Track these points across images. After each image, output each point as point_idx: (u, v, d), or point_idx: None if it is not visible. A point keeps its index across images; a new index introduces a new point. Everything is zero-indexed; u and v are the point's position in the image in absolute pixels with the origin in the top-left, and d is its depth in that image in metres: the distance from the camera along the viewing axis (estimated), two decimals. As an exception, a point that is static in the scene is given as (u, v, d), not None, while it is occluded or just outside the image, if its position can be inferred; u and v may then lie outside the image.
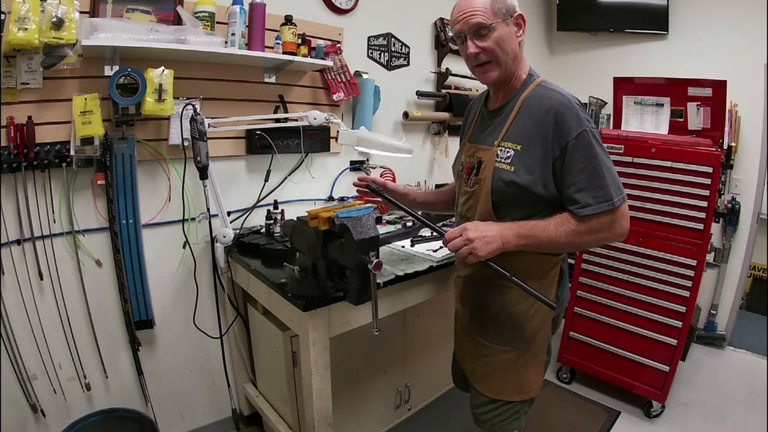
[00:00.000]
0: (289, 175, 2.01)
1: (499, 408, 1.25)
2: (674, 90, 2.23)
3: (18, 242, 1.40)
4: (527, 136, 1.08)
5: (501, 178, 1.10)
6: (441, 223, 1.82)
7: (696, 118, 2.22)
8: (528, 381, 1.22)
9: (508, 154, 1.10)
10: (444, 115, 2.56)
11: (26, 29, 1.20)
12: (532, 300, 1.14)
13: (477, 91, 2.72)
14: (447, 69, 2.55)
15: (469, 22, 1.08)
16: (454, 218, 1.36)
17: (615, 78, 2.41)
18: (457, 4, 1.12)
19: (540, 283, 1.16)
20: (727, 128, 2.47)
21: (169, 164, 1.67)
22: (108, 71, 1.45)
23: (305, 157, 2.03)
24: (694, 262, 1.98)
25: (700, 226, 1.96)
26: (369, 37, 2.25)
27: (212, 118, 1.57)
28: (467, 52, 1.12)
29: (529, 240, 1.06)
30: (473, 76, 1.19)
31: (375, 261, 1.09)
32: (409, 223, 2.01)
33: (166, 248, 1.70)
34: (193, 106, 1.52)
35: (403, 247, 1.76)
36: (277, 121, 1.85)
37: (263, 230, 1.81)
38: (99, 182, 1.48)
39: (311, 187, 2.11)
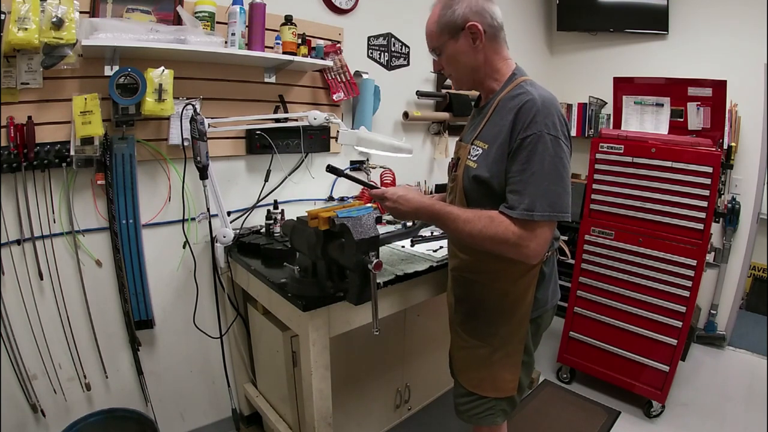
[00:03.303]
0: (289, 175, 2.01)
1: (475, 401, 1.28)
2: (674, 90, 2.23)
3: (18, 242, 1.40)
4: (494, 136, 1.08)
5: (468, 174, 1.14)
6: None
7: (696, 118, 2.22)
8: (502, 379, 1.23)
9: (477, 153, 1.12)
10: (444, 115, 2.56)
11: (26, 29, 1.20)
12: (510, 300, 1.18)
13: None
14: (447, 69, 2.55)
15: (428, 45, 1.19)
16: None
17: (615, 78, 2.41)
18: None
19: (515, 285, 1.17)
20: (727, 128, 2.47)
21: (169, 164, 1.67)
22: (108, 71, 1.45)
23: (305, 157, 2.03)
24: (694, 262, 1.97)
25: (700, 226, 1.96)
26: (369, 37, 2.25)
27: (212, 118, 1.57)
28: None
29: (438, 223, 1.16)
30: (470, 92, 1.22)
31: (375, 261, 1.09)
32: (409, 223, 2.00)
33: (166, 248, 1.70)
34: (193, 106, 1.52)
35: (403, 247, 1.76)
36: (277, 121, 1.85)
37: (263, 230, 1.81)
38: (99, 182, 1.48)
39: (311, 187, 2.11)
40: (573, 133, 3.27)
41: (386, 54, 2.34)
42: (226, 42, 1.62)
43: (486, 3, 1.10)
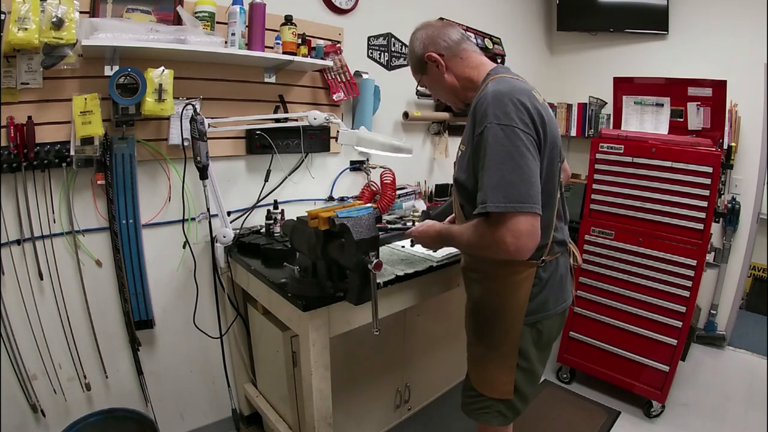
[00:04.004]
0: (289, 175, 2.01)
1: (475, 397, 1.30)
2: (674, 90, 2.23)
3: (18, 242, 1.40)
4: (467, 139, 1.12)
5: (454, 179, 1.19)
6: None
7: (696, 118, 2.22)
8: (498, 381, 1.23)
9: (459, 155, 1.17)
10: (444, 115, 2.56)
11: (26, 29, 1.20)
12: (501, 300, 1.19)
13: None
14: (447, 69, 2.55)
15: None
16: None
17: (615, 78, 2.41)
18: None
19: (508, 286, 1.17)
20: (727, 128, 2.46)
21: (169, 164, 1.67)
22: (108, 71, 1.45)
23: (305, 157, 2.03)
24: (694, 262, 1.97)
25: (700, 226, 1.96)
26: (369, 37, 2.25)
27: (212, 118, 1.57)
28: None
29: (449, 244, 1.24)
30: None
31: (375, 261, 1.09)
32: (409, 224, 2.01)
33: (166, 248, 1.70)
34: (193, 106, 1.52)
35: (403, 247, 1.76)
36: (277, 121, 1.85)
37: (263, 230, 1.81)
38: (99, 182, 1.48)
39: (311, 187, 2.11)
40: (573, 133, 3.27)
41: (386, 54, 2.34)
42: (226, 42, 1.62)
43: (437, 31, 1.22)
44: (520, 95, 1.01)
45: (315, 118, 1.57)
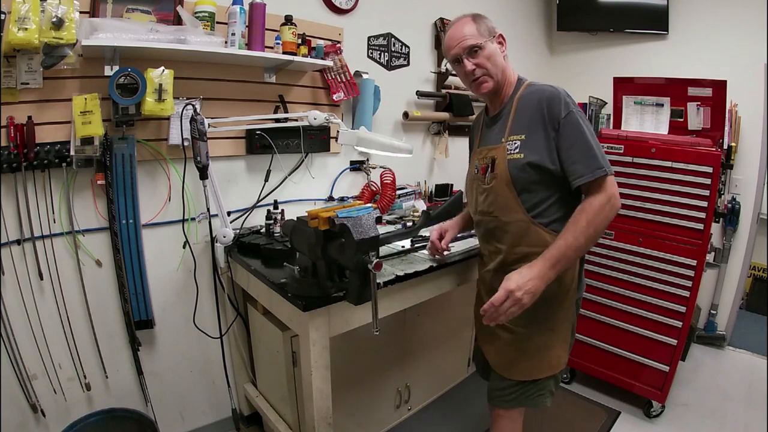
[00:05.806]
0: (289, 175, 2.01)
1: (523, 388, 1.35)
2: (674, 90, 2.23)
3: (18, 242, 1.40)
4: (527, 126, 1.23)
5: (515, 166, 1.23)
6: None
7: (696, 118, 2.22)
8: (556, 357, 1.33)
9: (516, 145, 1.24)
10: (444, 115, 2.56)
11: (26, 29, 1.20)
12: (560, 284, 1.25)
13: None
14: (447, 69, 2.55)
15: (463, 45, 1.28)
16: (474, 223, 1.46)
17: (615, 78, 2.41)
18: (448, 35, 1.32)
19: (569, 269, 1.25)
20: (727, 128, 2.47)
21: (169, 164, 1.67)
22: (108, 71, 1.45)
23: (305, 157, 2.03)
24: (694, 262, 1.97)
25: (700, 226, 1.96)
26: (369, 37, 2.25)
27: (212, 118, 1.57)
28: (465, 70, 1.29)
29: (562, 261, 1.14)
30: (471, 92, 1.39)
31: (375, 261, 1.09)
32: (409, 223, 2.01)
33: (166, 248, 1.70)
34: (193, 106, 1.52)
35: (403, 247, 1.75)
36: (277, 121, 1.85)
37: (263, 230, 1.81)
38: (99, 182, 1.48)
39: (311, 187, 2.11)
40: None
41: (386, 54, 2.34)
42: (226, 42, 1.62)
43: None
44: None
45: (315, 118, 1.57)
